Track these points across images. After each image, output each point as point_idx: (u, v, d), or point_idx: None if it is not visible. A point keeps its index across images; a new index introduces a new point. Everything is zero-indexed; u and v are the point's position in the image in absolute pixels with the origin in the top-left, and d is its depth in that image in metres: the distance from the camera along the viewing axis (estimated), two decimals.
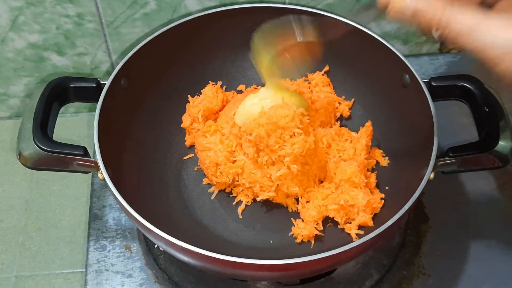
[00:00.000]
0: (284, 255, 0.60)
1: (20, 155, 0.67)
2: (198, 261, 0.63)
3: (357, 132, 0.77)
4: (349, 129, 0.79)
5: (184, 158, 0.81)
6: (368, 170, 0.76)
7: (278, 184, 0.71)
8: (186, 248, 0.60)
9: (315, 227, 0.71)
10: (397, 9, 0.53)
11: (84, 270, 0.76)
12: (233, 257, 0.59)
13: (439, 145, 0.67)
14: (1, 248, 0.85)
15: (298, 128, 0.67)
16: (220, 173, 0.74)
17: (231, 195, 0.77)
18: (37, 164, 0.67)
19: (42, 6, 0.83)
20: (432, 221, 0.78)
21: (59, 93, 0.71)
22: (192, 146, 0.81)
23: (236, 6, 0.82)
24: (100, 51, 0.90)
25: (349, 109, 0.83)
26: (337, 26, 0.80)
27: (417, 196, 0.64)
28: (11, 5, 0.83)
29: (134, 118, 0.78)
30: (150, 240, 0.75)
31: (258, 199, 0.73)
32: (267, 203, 0.75)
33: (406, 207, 0.63)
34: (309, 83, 0.85)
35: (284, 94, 0.72)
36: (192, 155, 0.81)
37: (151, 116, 0.80)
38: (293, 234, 0.72)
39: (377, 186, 0.75)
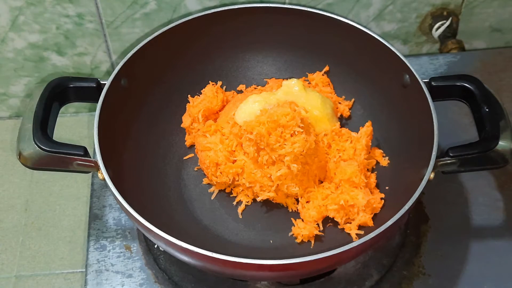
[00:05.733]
0: (284, 255, 0.60)
1: (20, 155, 0.67)
2: (198, 261, 0.63)
3: (357, 132, 0.77)
4: (349, 129, 0.79)
5: (184, 158, 0.81)
6: (368, 170, 0.76)
7: (278, 184, 0.71)
8: (186, 248, 0.60)
9: (315, 227, 0.71)
10: None
11: (84, 270, 0.76)
12: (233, 257, 0.59)
13: (439, 145, 0.67)
14: (1, 248, 0.85)
15: (299, 126, 0.67)
16: (220, 173, 0.74)
17: (231, 195, 0.77)
18: (37, 164, 0.67)
19: (42, 6, 0.83)
20: (432, 221, 0.78)
21: (59, 93, 0.71)
22: (192, 146, 0.81)
23: (236, 6, 0.82)
24: (100, 51, 0.90)
25: (349, 109, 0.83)
26: (337, 26, 0.80)
27: (417, 196, 0.64)
28: (11, 5, 0.83)
29: (134, 118, 0.78)
30: (150, 240, 0.75)
31: (258, 199, 0.73)
32: (267, 203, 0.75)
33: (406, 207, 0.63)
34: (309, 83, 0.85)
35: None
36: (192, 155, 0.81)
37: (151, 116, 0.80)
38: (293, 234, 0.72)
39: (377, 186, 0.75)
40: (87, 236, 0.78)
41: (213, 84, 0.83)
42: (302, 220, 0.73)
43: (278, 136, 0.68)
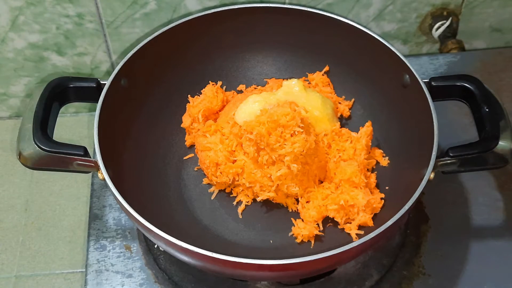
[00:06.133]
0: (284, 255, 0.60)
1: (20, 155, 0.67)
2: (198, 261, 0.63)
3: (357, 132, 0.77)
4: (349, 129, 0.79)
5: (184, 158, 0.81)
6: (368, 170, 0.76)
7: (278, 184, 0.71)
8: (186, 248, 0.60)
9: (315, 227, 0.71)
10: None
11: (84, 270, 0.76)
12: (233, 257, 0.59)
13: (439, 145, 0.67)
14: (1, 248, 0.85)
15: (299, 126, 0.67)
16: (220, 173, 0.74)
17: (231, 195, 0.77)
18: (37, 164, 0.67)
19: (42, 6, 0.83)
20: (432, 221, 0.78)
21: (59, 93, 0.71)
22: (192, 146, 0.81)
23: (236, 6, 0.82)
24: (100, 51, 0.90)
25: (349, 109, 0.83)
26: (337, 26, 0.80)
27: (417, 196, 0.64)
28: (11, 5, 0.83)
29: (134, 118, 0.78)
30: (150, 240, 0.75)
31: (258, 199, 0.73)
32: (267, 203, 0.75)
33: (406, 207, 0.63)
34: (309, 83, 0.85)
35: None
36: (192, 155, 0.81)
37: (151, 116, 0.80)
38: (293, 234, 0.72)
39: (377, 186, 0.75)
40: (87, 236, 0.78)
41: (213, 84, 0.83)
42: (302, 220, 0.73)
43: (278, 136, 0.68)
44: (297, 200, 0.74)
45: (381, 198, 0.72)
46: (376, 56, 0.79)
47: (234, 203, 0.76)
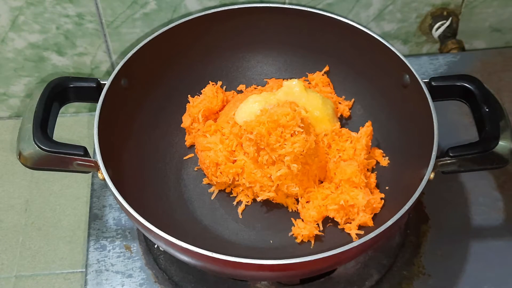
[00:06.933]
0: (284, 255, 0.60)
1: (20, 155, 0.67)
2: (198, 261, 0.63)
3: (357, 132, 0.77)
4: (349, 129, 0.79)
5: (184, 158, 0.81)
6: (368, 170, 0.76)
7: (278, 184, 0.71)
8: (186, 248, 0.60)
9: (315, 227, 0.71)
10: None
11: (84, 270, 0.76)
12: (233, 257, 0.59)
13: (439, 145, 0.67)
14: (1, 248, 0.85)
15: (299, 126, 0.67)
16: (220, 173, 0.74)
17: (231, 195, 0.77)
18: (37, 164, 0.67)
19: (42, 6, 0.83)
20: (432, 221, 0.78)
21: (59, 93, 0.71)
22: (192, 146, 0.81)
23: (236, 6, 0.82)
24: (100, 51, 0.90)
25: (349, 109, 0.83)
26: (337, 26, 0.80)
27: (417, 196, 0.64)
28: (11, 5, 0.83)
29: (134, 118, 0.78)
30: (150, 240, 0.75)
31: (258, 199, 0.73)
32: (267, 203, 0.75)
33: (406, 207, 0.63)
34: (309, 83, 0.85)
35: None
36: (192, 155, 0.81)
37: (151, 116, 0.80)
38: (293, 234, 0.72)
39: (377, 186, 0.75)
40: (87, 236, 0.78)
41: (213, 84, 0.83)
42: (302, 220, 0.73)
43: (278, 136, 0.68)
44: (297, 200, 0.74)
45: (381, 198, 0.72)
46: (376, 56, 0.79)
47: (234, 203, 0.76)
